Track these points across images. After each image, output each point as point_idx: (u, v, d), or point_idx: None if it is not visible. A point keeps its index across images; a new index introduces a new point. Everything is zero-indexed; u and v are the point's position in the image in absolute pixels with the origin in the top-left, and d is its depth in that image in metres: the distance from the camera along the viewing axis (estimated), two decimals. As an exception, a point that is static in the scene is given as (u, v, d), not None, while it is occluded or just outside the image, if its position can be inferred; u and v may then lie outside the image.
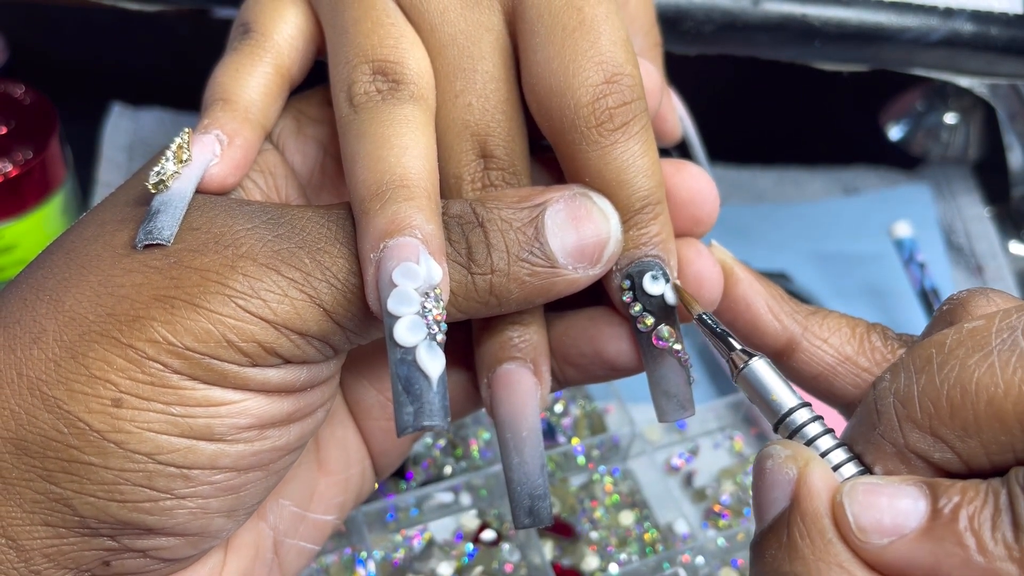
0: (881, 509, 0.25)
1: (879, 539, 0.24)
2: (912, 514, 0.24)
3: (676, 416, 0.32)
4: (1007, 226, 0.73)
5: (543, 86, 0.31)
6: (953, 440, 0.25)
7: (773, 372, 0.29)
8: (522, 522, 0.32)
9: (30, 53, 0.77)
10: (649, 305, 0.31)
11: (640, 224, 0.31)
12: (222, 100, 0.32)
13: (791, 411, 0.29)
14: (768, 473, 0.27)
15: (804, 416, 0.28)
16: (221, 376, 0.27)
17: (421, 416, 0.26)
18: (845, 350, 0.32)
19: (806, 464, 0.26)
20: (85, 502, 0.27)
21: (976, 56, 0.58)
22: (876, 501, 0.25)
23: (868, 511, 0.25)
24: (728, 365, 0.30)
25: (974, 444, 0.25)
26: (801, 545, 0.25)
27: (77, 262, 0.29)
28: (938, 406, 0.25)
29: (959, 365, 0.25)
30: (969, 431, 0.25)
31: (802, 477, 0.26)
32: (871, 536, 0.24)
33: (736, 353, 0.30)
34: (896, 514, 0.25)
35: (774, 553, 0.25)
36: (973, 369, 0.25)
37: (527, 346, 0.33)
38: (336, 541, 0.52)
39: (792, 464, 0.26)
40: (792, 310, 0.33)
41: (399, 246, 0.27)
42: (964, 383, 0.25)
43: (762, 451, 0.27)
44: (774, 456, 0.27)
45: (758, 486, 0.27)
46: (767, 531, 0.26)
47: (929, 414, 0.25)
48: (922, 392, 0.26)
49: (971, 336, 0.26)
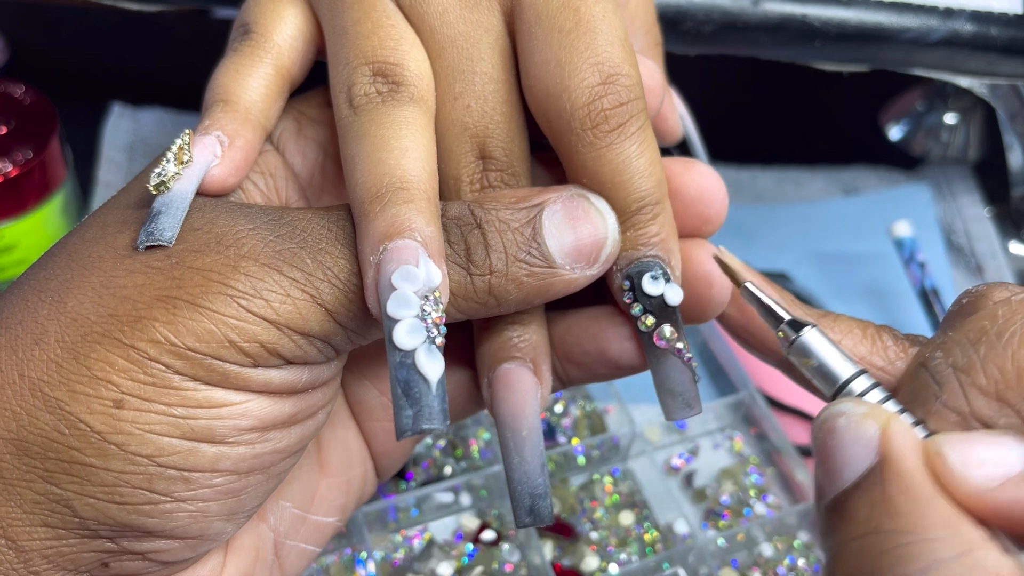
0: (983, 457, 0.25)
1: (986, 484, 0.24)
2: (1015, 460, 0.25)
3: (683, 415, 0.32)
4: (1007, 226, 0.73)
5: (540, 87, 0.31)
6: (1019, 403, 0.26)
7: (827, 341, 0.29)
8: (523, 521, 0.32)
9: (30, 53, 0.77)
10: (649, 305, 0.31)
11: (638, 225, 0.31)
12: (223, 101, 0.32)
13: (851, 379, 0.28)
14: (843, 431, 0.26)
15: (864, 383, 0.28)
16: (223, 377, 0.27)
17: (420, 419, 0.26)
18: (859, 351, 0.32)
19: (889, 421, 0.26)
20: (85, 503, 0.27)
21: (976, 56, 0.58)
22: (976, 449, 0.25)
23: (970, 459, 0.25)
24: (780, 337, 0.30)
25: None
26: (901, 501, 0.25)
27: (79, 263, 0.29)
28: (1004, 370, 0.26)
29: (1020, 330, 0.26)
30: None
31: (889, 433, 0.26)
32: (978, 482, 0.25)
33: (785, 325, 0.30)
34: (999, 461, 0.25)
35: (867, 512, 0.25)
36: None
37: (527, 345, 0.33)
38: (336, 541, 0.53)
39: (872, 421, 0.26)
40: (803, 313, 0.33)
41: (398, 249, 0.27)
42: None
43: (829, 409, 0.27)
44: (848, 413, 0.26)
45: (828, 445, 0.26)
46: (853, 490, 0.26)
47: (995, 379, 0.26)
48: (985, 359, 0.26)
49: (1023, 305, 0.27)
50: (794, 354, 0.30)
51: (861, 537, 0.25)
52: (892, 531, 0.24)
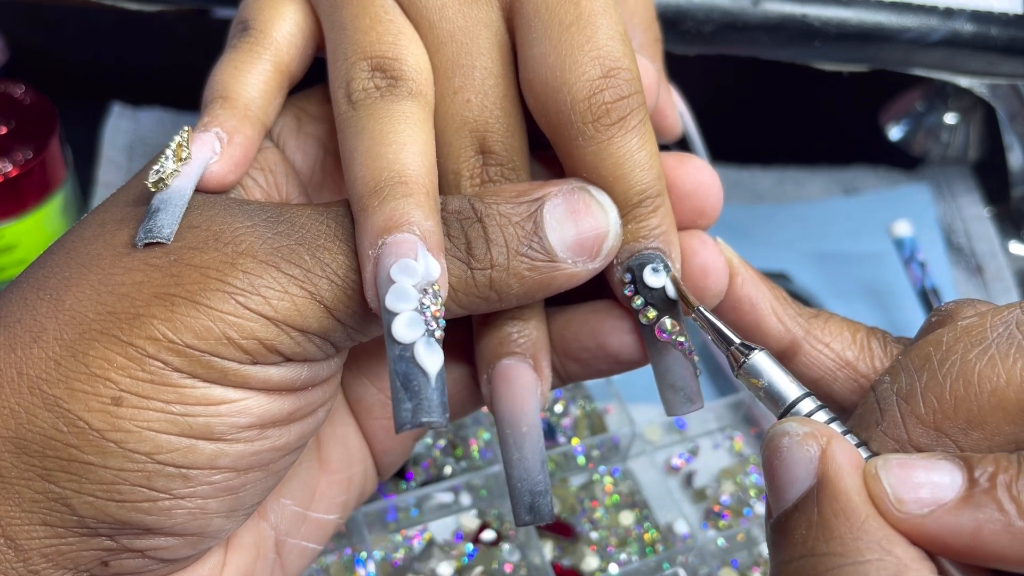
0: (918, 481, 0.25)
1: (918, 509, 0.24)
2: (948, 485, 0.24)
3: (684, 409, 0.32)
4: (1007, 226, 0.73)
5: (540, 81, 0.31)
6: (956, 434, 0.25)
7: (774, 364, 0.29)
8: (523, 519, 0.32)
9: (30, 53, 0.77)
10: (651, 298, 0.31)
11: (639, 217, 0.31)
12: (221, 98, 0.32)
13: (796, 401, 0.29)
14: (786, 451, 0.26)
15: (809, 405, 0.28)
16: (222, 374, 0.27)
17: (419, 412, 0.26)
18: (846, 355, 0.32)
19: (829, 442, 0.26)
20: (84, 501, 0.27)
21: (976, 56, 0.58)
22: (912, 474, 0.25)
23: (905, 483, 0.25)
24: (728, 360, 0.30)
25: (977, 436, 0.25)
26: (836, 524, 0.25)
27: (77, 261, 0.29)
28: (942, 401, 0.26)
29: (960, 360, 0.26)
30: (973, 423, 0.25)
31: (828, 454, 0.25)
32: (910, 507, 0.24)
33: (736, 347, 0.30)
34: (934, 486, 0.25)
35: (804, 533, 0.25)
36: (974, 362, 0.25)
37: (527, 341, 0.33)
38: (336, 541, 0.52)
39: (812, 441, 0.26)
40: (795, 312, 0.33)
41: (397, 243, 0.27)
42: (966, 376, 0.25)
43: (775, 429, 0.27)
44: (791, 433, 0.26)
45: (774, 465, 0.26)
46: (792, 511, 0.26)
47: (933, 409, 0.26)
48: (925, 388, 0.26)
49: (967, 332, 0.26)
50: (743, 376, 0.30)
51: (798, 559, 0.25)
52: (826, 554, 0.24)
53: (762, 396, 0.29)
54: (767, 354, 0.30)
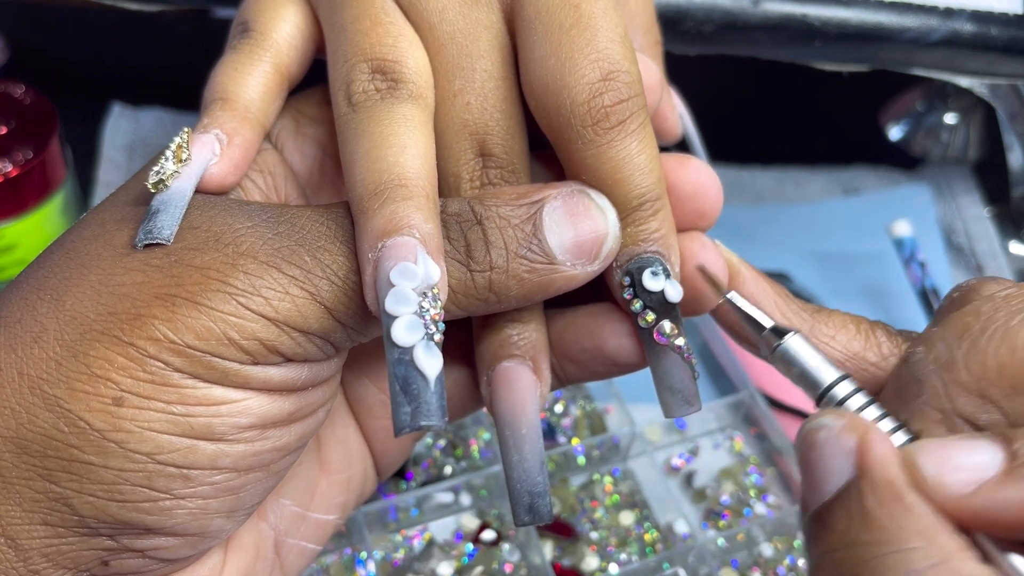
0: (958, 463, 0.25)
1: (963, 489, 0.24)
2: (989, 464, 0.25)
3: (682, 412, 0.32)
4: (1007, 226, 0.73)
5: (540, 84, 0.31)
6: (1001, 399, 0.26)
7: (809, 347, 0.29)
8: (522, 519, 0.32)
9: (30, 53, 0.77)
10: (650, 301, 0.31)
11: (639, 221, 0.31)
12: (221, 99, 0.32)
13: (833, 384, 0.29)
14: (822, 444, 0.26)
15: (847, 388, 0.28)
16: (222, 374, 0.27)
17: (419, 416, 0.26)
18: (852, 346, 0.32)
19: (866, 433, 0.26)
20: (84, 501, 0.27)
21: (976, 56, 0.58)
22: (952, 455, 0.25)
23: (945, 466, 0.25)
24: (762, 344, 0.30)
25: (1022, 402, 0.26)
26: (878, 514, 0.25)
27: (77, 261, 0.29)
28: (985, 366, 0.26)
29: (1002, 326, 0.26)
30: (1018, 388, 0.26)
31: (866, 445, 0.26)
32: (954, 489, 0.25)
33: (768, 332, 0.30)
34: (974, 465, 0.25)
35: (845, 524, 0.25)
36: (1018, 328, 0.26)
37: (526, 343, 0.33)
38: (336, 541, 0.52)
39: (850, 434, 0.26)
40: (798, 308, 0.33)
41: (397, 246, 0.27)
42: (1011, 342, 0.26)
43: (810, 423, 0.27)
44: (827, 427, 0.26)
45: (810, 458, 0.26)
46: (832, 503, 0.26)
47: (977, 375, 0.26)
48: (967, 356, 0.26)
49: (1007, 302, 0.27)
50: (777, 361, 0.30)
51: (840, 549, 0.25)
52: (869, 543, 0.24)
53: (796, 379, 0.29)
54: (802, 337, 0.29)
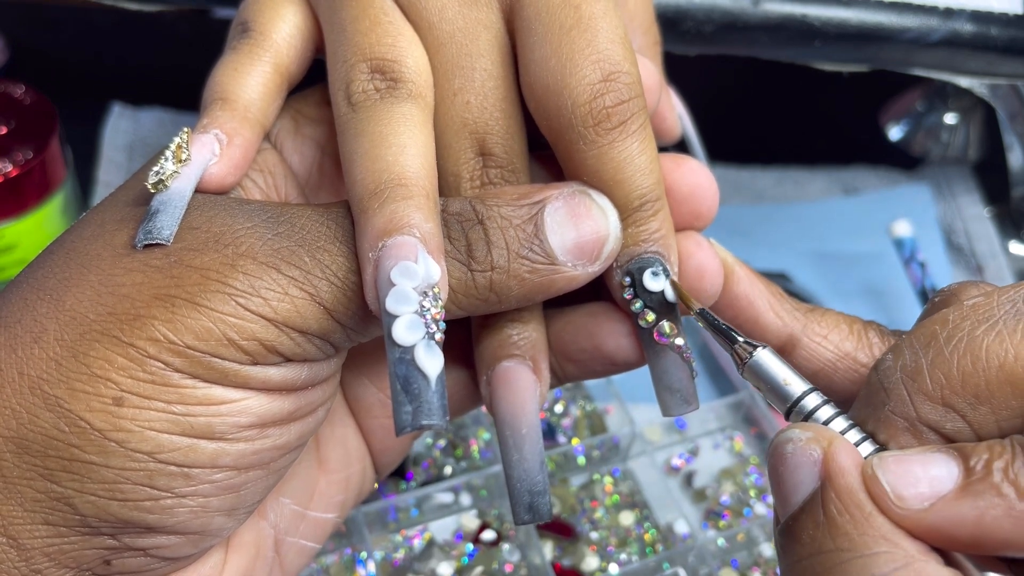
0: (915, 476, 0.25)
1: (919, 504, 0.25)
2: (946, 478, 0.25)
3: (680, 410, 0.32)
4: (1007, 226, 0.73)
5: (540, 84, 0.31)
6: (965, 408, 0.26)
7: (778, 360, 0.30)
8: (522, 518, 0.32)
9: (30, 53, 0.77)
10: (650, 301, 0.31)
11: (639, 221, 0.31)
12: (221, 99, 0.32)
13: (801, 396, 0.29)
14: (790, 457, 0.26)
15: (815, 400, 0.29)
16: (222, 374, 0.27)
17: (420, 415, 0.26)
18: (844, 346, 0.32)
19: (830, 443, 0.26)
20: (86, 501, 0.27)
21: (976, 56, 0.58)
22: (909, 469, 0.25)
23: (903, 479, 0.25)
24: (733, 358, 0.30)
25: (985, 411, 0.26)
26: (841, 521, 0.25)
27: (77, 262, 0.29)
28: (949, 376, 0.26)
29: (967, 336, 0.26)
30: (981, 398, 0.26)
31: (830, 456, 0.26)
32: (910, 502, 0.25)
33: (739, 345, 0.30)
34: (931, 479, 0.25)
35: (811, 533, 0.25)
36: (982, 338, 0.26)
37: (526, 343, 0.33)
38: (336, 541, 0.53)
39: (815, 445, 0.26)
40: (792, 307, 0.33)
41: (397, 245, 0.27)
42: (974, 352, 0.26)
43: (778, 436, 0.27)
44: (794, 439, 0.27)
45: (779, 471, 0.27)
46: (799, 513, 0.26)
47: (940, 384, 0.26)
48: (931, 364, 0.26)
49: (974, 310, 0.27)
50: (747, 375, 0.30)
51: (807, 558, 0.25)
52: (833, 550, 0.25)
53: (766, 393, 0.30)
54: (771, 351, 0.30)
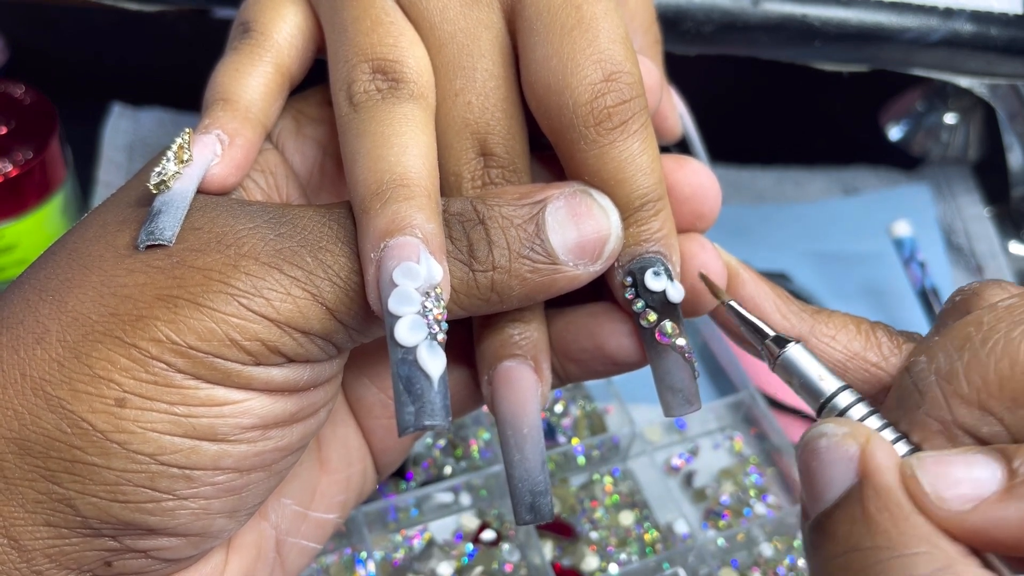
0: (957, 477, 0.25)
1: (961, 505, 0.24)
2: (988, 480, 0.24)
3: (682, 411, 0.32)
4: (1007, 226, 0.73)
5: (542, 84, 0.31)
6: (1002, 412, 0.26)
7: (810, 356, 0.30)
8: (523, 518, 0.32)
9: (30, 53, 0.77)
10: (651, 301, 0.31)
11: (641, 221, 0.31)
12: (222, 100, 0.32)
13: (835, 394, 0.29)
14: (824, 451, 0.26)
15: (848, 398, 0.29)
16: (225, 375, 0.27)
17: (422, 415, 0.26)
18: (853, 346, 0.32)
19: (868, 440, 0.26)
20: (87, 502, 0.27)
21: (976, 56, 0.58)
22: (950, 470, 0.25)
23: (944, 480, 0.25)
24: (763, 353, 0.30)
25: (1023, 414, 0.25)
26: (880, 519, 0.25)
27: (79, 262, 0.29)
28: (986, 379, 0.26)
29: (1003, 338, 0.26)
30: (1019, 401, 0.25)
31: (868, 452, 0.26)
32: (952, 504, 0.24)
33: (771, 340, 0.30)
34: (974, 481, 0.25)
35: (848, 529, 0.25)
36: (1019, 341, 0.26)
37: (528, 343, 0.33)
38: (336, 541, 0.53)
39: (852, 441, 0.26)
40: (798, 309, 0.33)
41: (399, 245, 0.27)
42: (1012, 354, 0.26)
43: (811, 431, 0.27)
44: (829, 434, 0.26)
45: (811, 466, 0.26)
46: (834, 509, 0.26)
47: (977, 388, 0.26)
48: (967, 367, 0.26)
49: (1009, 312, 0.26)
50: (779, 370, 0.30)
51: (842, 555, 0.25)
52: (872, 548, 0.24)
53: (797, 389, 0.29)
54: (803, 347, 0.30)
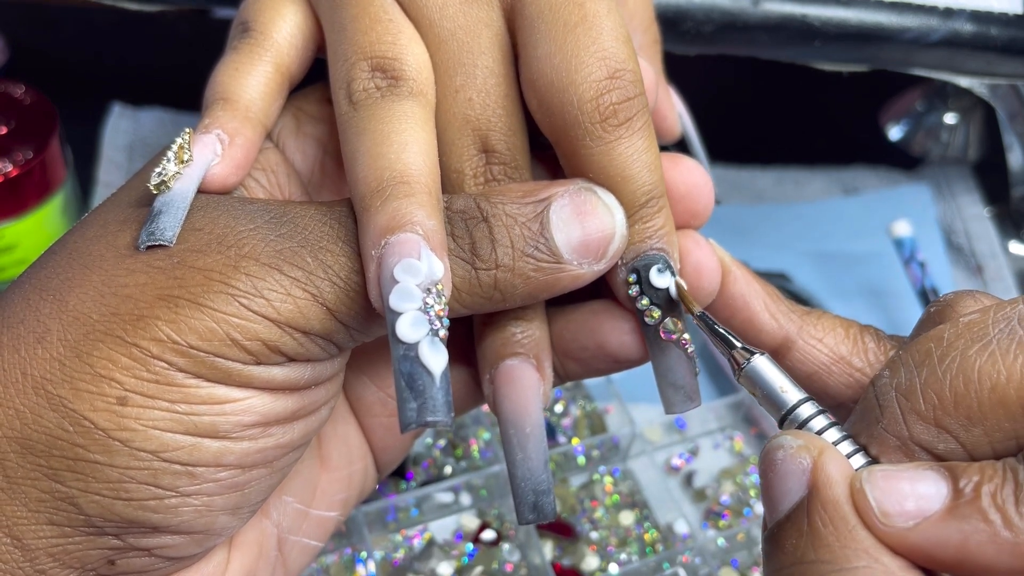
0: (903, 493, 0.25)
1: (904, 522, 0.24)
2: (934, 496, 0.25)
3: (684, 407, 0.32)
4: (1007, 226, 0.74)
5: (544, 82, 0.31)
6: (957, 430, 0.26)
7: (775, 368, 0.30)
8: (526, 517, 0.32)
9: (30, 53, 0.77)
10: (655, 298, 0.31)
11: (644, 218, 0.31)
12: (222, 99, 0.32)
13: (796, 405, 0.29)
14: (780, 463, 0.26)
15: (809, 410, 0.29)
16: (226, 374, 0.28)
17: (425, 412, 0.26)
18: (839, 350, 0.32)
19: (820, 453, 0.26)
20: (90, 500, 0.27)
21: (976, 56, 0.58)
22: (897, 486, 0.25)
23: (890, 496, 0.25)
24: (730, 363, 0.30)
25: (978, 433, 0.25)
26: (824, 533, 0.25)
27: (80, 262, 0.29)
28: (942, 397, 0.26)
29: (960, 356, 0.26)
30: (973, 420, 0.25)
31: (819, 465, 0.26)
32: (895, 520, 0.25)
33: (737, 351, 0.30)
34: (918, 497, 0.25)
35: (795, 542, 0.25)
36: (974, 359, 0.25)
37: (529, 342, 0.33)
38: (336, 541, 0.53)
39: (805, 454, 0.26)
40: (788, 309, 0.33)
41: (400, 242, 0.27)
42: (967, 373, 0.25)
43: (770, 442, 0.27)
44: (785, 446, 0.27)
45: (769, 477, 0.27)
46: (784, 521, 0.26)
47: (933, 405, 0.26)
48: (925, 384, 0.26)
49: (968, 329, 0.26)
50: (743, 381, 0.30)
51: (789, 567, 0.25)
52: (814, 562, 0.25)
53: (761, 400, 0.30)
54: (768, 358, 0.30)
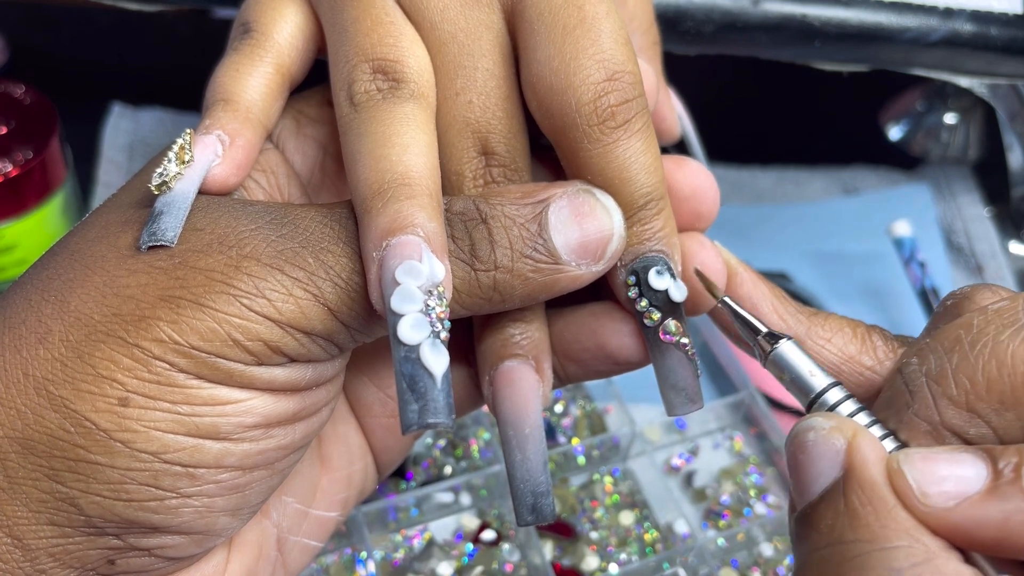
0: (942, 474, 0.25)
1: (944, 502, 0.25)
2: (973, 478, 0.25)
3: (685, 409, 0.32)
4: (1007, 226, 0.74)
5: (544, 84, 0.31)
6: (989, 414, 0.26)
7: (802, 353, 0.30)
8: (525, 519, 0.32)
9: (30, 53, 0.77)
10: (655, 300, 0.31)
11: (643, 220, 0.31)
12: (223, 100, 0.32)
13: (825, 390, 0.29)
14: (812, 445, 0.26)
15: (838, 395, 0.29)
16: (227, 375, 0.28)
17: (426, 414, 0.26)
18: (848, 350, 0.32)
19: (855, 435, 0.26)
20: (91, 501, 0.27)
21: (976, 56, 0.58)
22: (935, 467, 0.25)
23: (929, 477, 0.25)
24: (755, 349, 0.30)
25: (1011, 417, 0.26)
26: (863, 512, 0.25)
27: (81, 263, 0.29)
28: (974, 381, 0.26)
29: (992, 341, 0.26)
30: (1006, 403, 0.26)
31: (854, 446, 0.26)
32: (935, 500, 0.25)
33: (764, 336, 0.30)
34: (958, 479, 0.25)
35: (831, 523, 0.25)
36: (1007, 343, 0.26)
37: (529, 343, 0.33)
38: (336, 541, 0.53)
39: (839, 435, 0.26)
40: (795, 310, 0.33)
41: (401, 244, 0.27)
42: (1000, 357, 0.26)
43: (800, 425, 0.27)
44: (816, 428, 0.27)
45: (799, 459, 0.27)
46: (818, 502, 0.26)
47: (965, 390, 0.26)
48: (956, 369, 0.26)
49: (999, 315, 0.27)
50: (770, 366, 0.30)
51: (825, 547, 0.25)
52: (853, 541, 0.25)
53: (788, 385, 0.30)
54: (795, 343, 0.30)
